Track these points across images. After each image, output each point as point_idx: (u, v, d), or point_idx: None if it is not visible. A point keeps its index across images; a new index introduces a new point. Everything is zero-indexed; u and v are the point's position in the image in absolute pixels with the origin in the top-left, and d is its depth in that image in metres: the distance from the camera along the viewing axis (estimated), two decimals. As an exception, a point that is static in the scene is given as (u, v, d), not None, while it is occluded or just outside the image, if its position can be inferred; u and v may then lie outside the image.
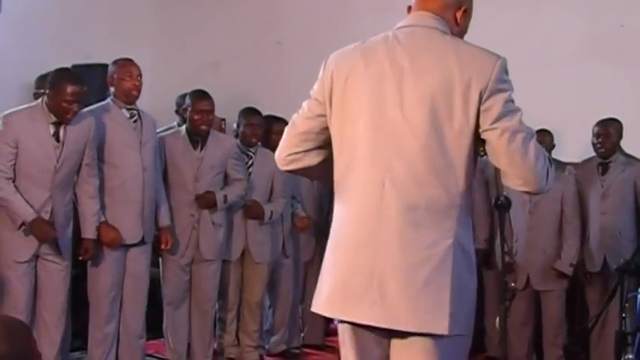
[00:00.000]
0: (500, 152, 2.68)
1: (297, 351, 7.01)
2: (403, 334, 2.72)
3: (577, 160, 6.60)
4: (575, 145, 6.77)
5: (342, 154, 2.83)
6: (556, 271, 6.20)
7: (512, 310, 4.28)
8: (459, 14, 2.88)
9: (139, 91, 5.56)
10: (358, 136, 2.77)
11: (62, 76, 5.08)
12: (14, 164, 4.99)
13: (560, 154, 6.44)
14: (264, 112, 6.59)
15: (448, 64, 2.69)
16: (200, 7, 9.21)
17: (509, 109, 2.68)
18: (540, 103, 6.28)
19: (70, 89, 4.97)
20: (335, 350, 7.18)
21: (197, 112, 5.92)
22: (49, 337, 5.20)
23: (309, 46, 8.63)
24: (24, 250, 5.06)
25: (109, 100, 5.61)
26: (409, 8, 2.93)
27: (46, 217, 5.04)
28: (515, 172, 2.69)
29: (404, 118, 2.70)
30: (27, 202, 4.97)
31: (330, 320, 7.85)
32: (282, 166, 3.02)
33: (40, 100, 5.14)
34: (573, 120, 6.75)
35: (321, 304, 2.83)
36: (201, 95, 6.02)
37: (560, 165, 6.02)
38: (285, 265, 6.72)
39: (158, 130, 5.97)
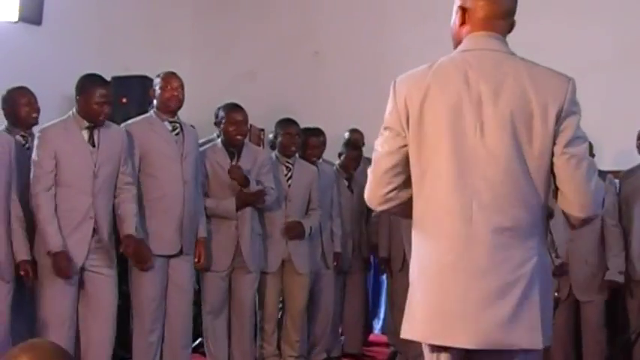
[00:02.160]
0: (566, 176, 2.75)
1: (337, 361, 7.04)
2: (495, 354, 2.78)
3: (614, 168, 6.58)
4: (613, 154, 6.74)
5: (424, 180, 2.84)
6: (600, 282, 6.16)
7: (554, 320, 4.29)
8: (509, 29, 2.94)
9: (179, 102, 5.64)
10: (441, 164, 2.79)
11: (90, 80, 5.21)
12: (55, 175, 5.08)
13: (598, 163, 6.40)
14: (302, 123, 6.63)
15: (524, 86, 2.73)
16: (237, 17, 9.29)
17: (579, 134, 2.76)
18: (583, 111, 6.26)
19: (98, 91, 5.12)
20: (373, 360, 7.27)
21: (231, 124, 5.98)
22: (97, 350, 5.26)
23: (347, 56, 8.69)
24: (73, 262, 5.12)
25: (151, 112, 5.72)
26: (462, 23, 2.94)
27: (91, 223, 5.13)
28: (576, 197, 2.76)
29: (485, 143, 2.74)
30: (59, 230, 5.04)
31: (368, 331, 7.93)
32: (379, 207, 2.99)
33: (71, 110, 5.26)
34: (609, 128, 6.74)
35: (418, 330, 2.86)
36: (234, 107, 6.08)
37: (600, 174, 5.98)
38: (326, 276, 6.78)
39: (199, 142, 6.04)
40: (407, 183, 2.90)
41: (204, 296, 6.05)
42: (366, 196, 3.01)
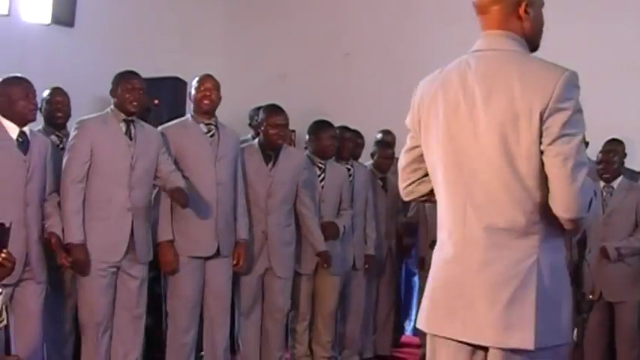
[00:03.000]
0: (551, 175, 2.71)
1: (368, 362, 7.06)
2: (496, 350, 2.80)
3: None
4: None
5: (435, 181, 2.97)
6: (633, 282, 6.13)
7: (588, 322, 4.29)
8: (521, 11, 2.88)
9: (212, 103, 5.67)
10: (440, 165, 2.89)
11: (120, 73, 5.41)
12: (89, 166, 5.17)
13: (632, 162, 6.38)
14: (333, 124, 6.62)
15: (512, 87, 2.72)
16: (269, 19, 9.31)
17: (568, 131, 2.68)
18: (610, 113, 6.24)
19: (127, 80, 5.31)
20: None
21: (273, 127, 5.98)
22: (125, 350, 5.32)
23: (378, 58, 8.69)
24: (109, 256, 5.21)
25: (188, 115, 5.78)
26: (479, 12, 2.95)
27: (128, 215, 5.22)
28: (560, 197, 2.71)
29: (477, 144, 2.77)
30: (81, 224, 5.13)
31: (400, 332, 7.93)
32: (405, 198, 3.22)
33: (109, 107, 5.38)
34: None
35: (422, 320, 2.98)
36: (275, 109, 6.09)
37: (634, 174, 5.96)
38: (357, 277, 6.80)
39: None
40: (425, 177, 3.05)
41: (236, 297, 6.06)
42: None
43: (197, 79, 5.74)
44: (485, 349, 2.84)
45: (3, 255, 3.86)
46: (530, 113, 2.68)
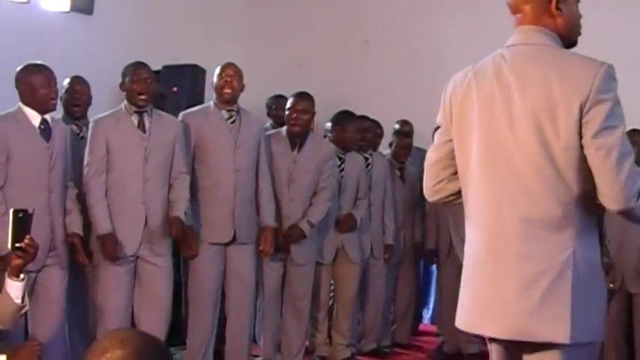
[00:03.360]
0: (595, 169, 2.72)
1: (387, 350, 7.13)
2: (534, 345, 2.81)
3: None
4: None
5: (465, 176, 2.96)
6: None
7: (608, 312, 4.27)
8: (552, 8, 2.91)
9: (232, 90, 5.69)
10: (473, 158, 2.89)
11: (128, 66, 5.44)
12: (107, 161, 5.23)
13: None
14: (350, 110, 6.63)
15: (550, 79, 2.75)
16: (287, 6, 9.30)
17: (610, 123, 2.70)
18: (631, 103, 6.19)
19: (135, 71, 5.34)
20: (422, 350, 7.26)
21: (295, 111, 6.03)
22: None
23: (397, 45, 8.66)
24: (124, 249, 5.24)
25: (210, 102, 5.80)
26: (514, 11, 2.99)
27: (142, 208, 5.25)
28: (607, 190, 2.73)
29: (513, 136, 2.79)
30: (108, 214, 5.20)
31: (418, 321, 7.94)
32: (431, 198, 3.16)
33: (123, 102, 5.43)
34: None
35: (459, 318, 2.98)
36: (301, 95, 6.13)
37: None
38: (377, 266, 6.83)
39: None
40: (456, 175, 3.02)
41: (259, 285, 6.08)
42: (424, 188, 3.17)
43: (219, 67, 5.77)
44: (521, 345, 2.85)
45: (26, 241, 3.90)
46: (569, 105, 2.70)
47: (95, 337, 5.61)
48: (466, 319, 2.94)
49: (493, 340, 2.92)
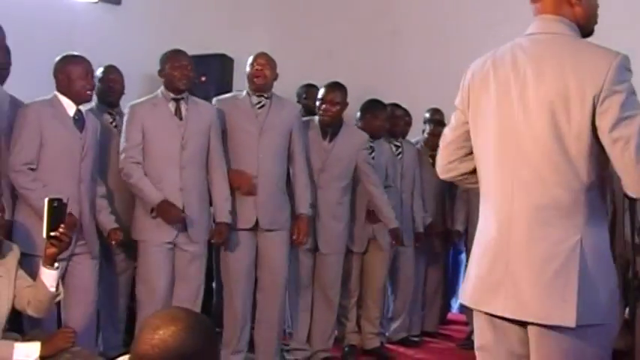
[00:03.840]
0: (614, 159, 2.76)
1: (416, 339, 7.15)
2: (539, 327, 2.85)
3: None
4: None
5: (480, 160, 3.04)
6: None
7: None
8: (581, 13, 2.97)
9: (264, 78, 5.73)
10: (488, 144, 2.96)
11: (166, 53, 5.51)
12: (142, 147, 5.29)
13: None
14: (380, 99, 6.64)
15: (565, 69, 2.79)
16: (315, -4, 9.29)
17: (626, 114, 2.73)
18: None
19: (173, 58, 5.43)
20: (451, 339, 7.27)
21: (325, 102, 6.09)
22: None
23: (425, 35, 8.63)
24: (162, 235, 5.32)
25: (244, 90, 5.84)
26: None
27: (179, 195, 5.30)
28: (627, 179, 2.78)
29: (526, 124, 2.84)
30: (154, 186, 5.25)
31: (447, 309, 7.96)
32: (442, 175, 3.26)
33: (160, 89, 5.48)
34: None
35: (466, 295, 3.06)
36: (332, 85, 6.18)
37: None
38: (406, 253, 6.86)
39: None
40: (468, 156, 3.12)
41: (290, 272, 6.10)
42: (436, 166, 3.29)
43: (251, 56, 5.81)
44: (525, 326, 2.90)
45: (61, 230, 3.97)
46: (582, 95, 2.74)
47: (128, 329, 5.72)
48: (473, 295, 3.00)
49: (495, 316, 2.95)
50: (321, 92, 6.16)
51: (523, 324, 2.90)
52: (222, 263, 5.75)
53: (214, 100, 5.86)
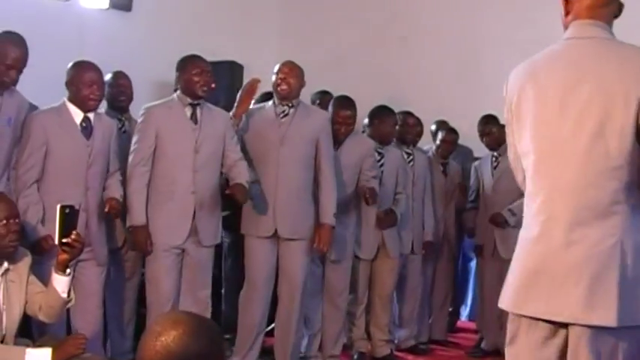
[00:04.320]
0: None
1: (424, 347, 7.13)
2: (580, 327, 2.85)
3: None
4: None
5: (525, 165, 3.05)
6: None
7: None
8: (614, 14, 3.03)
9: (288, 87, 5.70)
10: (530, 147, 2.98)
11: (186, 57, 5.48)
12: (155, 150, 5.29)
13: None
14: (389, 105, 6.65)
15: (607, 71, 2.83)
16: (324, 2, 9.32)
17: None
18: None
19: (195, 63, 5.39)
20: (459, 347, 7.27)
21: (340, 117, 6.09)
22: None
23: (435, 42, 8.66)
24: (172, 239, 5.30)
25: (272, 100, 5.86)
26: (567, 13, 3.06)
27: (192, 198, 5.30)
28: None
29: (567, 125, 2.87)
30: (144, 206, 5.25)
31: (456, 317, 7.96)
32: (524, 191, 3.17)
33: (176, 93, 5.47)
34: None
35: (505, 299, 3.05)
36: (343, 102, 6.18)
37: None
38: (414, 261, 6.87)
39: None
40: None
41: None
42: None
43: (278, 65, 5.82)
44: (565, 328, 2.89)
45: (73, 236, 3.99)
46: (626, 97, 2.77)
47: (136, 334, 5.74)
48: (513, 298, 3.00)
49: (535, 319, 2.95)
50: (332, 108, 6.16)
51: (563, 325, 2.90)
52: (246, 269, 5.76)
53: (242, 116, 5.80)
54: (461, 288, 8.20)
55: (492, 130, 6.76)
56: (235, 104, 5.71)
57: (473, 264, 7.75)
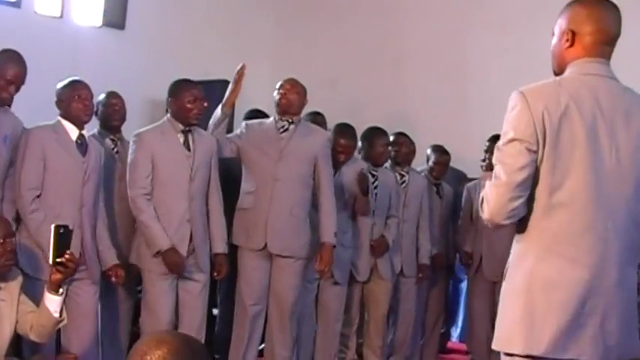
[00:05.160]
0: None
1: (415, 368, 7.09)
2: None
3: None
4: None
5: (556, 196, 2.88)
6: None
7: None
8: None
9: (287, 102, 5.74)
10: (579, 182, 2.86)
11: (181, 82, 5.44)
12: (151, 178, 5.25)
13: None
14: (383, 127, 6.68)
15: None
16: (318, 22, 9.36)
17: None
18: None
19: (189, 91, 5.33)
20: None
21: (340, 146, 6.12)
22: None
23: (429, 63, 8.69)
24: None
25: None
26: (570, 45, 3.02)
27: (187, 226, 5.28)
28: None
29: (620, 165, 2.87)
30: (164, 229, 5.20)
31: (447, 339, 7.96)
32: (502, 221, 2.95)
33: (166, 116, 5.45)
34: None
35: (540, 345, 2.86)
36: (344, 130, 6.22)
37: None
38: (407, 284, 6.84)
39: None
40: (528, 197, 2.92)
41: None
42: (489, 211, 2.94)
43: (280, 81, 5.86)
44: None
45: (67, 256, 3.99)
46: None
47: (128, 349, 5.73)
48: (552, 343, 2.85)
49: None
50: (334, 133, 6.18)
51: None
52: (237, 284, 5.74)
53: (243, 124, 5.86)
54: (452, 309, 8.21)
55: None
56: (227, 93, 5.70)
57: (464, 285, 7.76)
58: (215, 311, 6.49)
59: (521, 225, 2.95)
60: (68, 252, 3.99)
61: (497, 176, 2.91)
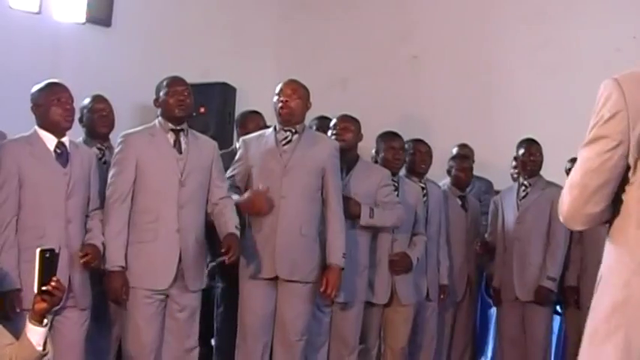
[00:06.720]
0: None
1: (439, 402, 7.02)
2: None
3: None
4: None
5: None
6: None
7: None
8: None
9: (288, 109, 5.59)
10: None
11: (166, 79, 5.44)
12: (135, 182, 5.21)
13: None
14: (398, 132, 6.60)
15: None
16: (325, 19, 9.34)
17: None
18: None
19: (173, 86, 5.35)
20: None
21: (336, 129, 6.10)
22: None
23: (449, 61, 8.67)
24: (155, 282, 5.22)
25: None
26: None
27: (176, 237, 5.21)
28: None
29: None
30: (123, 248, 5.15)
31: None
32: (580, 227, 2.89)
33: (157, 119, 5.41)
34: None
35: None
36: (341, 116, 6.20)
37: None
38: (430, 308, 6.75)
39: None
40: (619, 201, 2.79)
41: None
42: (565, 214, 2.85)
43: (279, 84, 5.72)
44: None
45: (53, 283, 3.91)
46: None
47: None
48: None
49: None
50: (332, 123, 6.16)
51: None
52: (238, 315, 5.65)
53: (240, 140, 5.78)
54: (480, 337, 8.12)
55: (537, 155, 6.66)
56: None
57: (493, 310, 7.66)
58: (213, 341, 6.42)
59: (614, 232, 2.80)
60: (55, 278, 3.90)
61: (579, 175, 2.77)
